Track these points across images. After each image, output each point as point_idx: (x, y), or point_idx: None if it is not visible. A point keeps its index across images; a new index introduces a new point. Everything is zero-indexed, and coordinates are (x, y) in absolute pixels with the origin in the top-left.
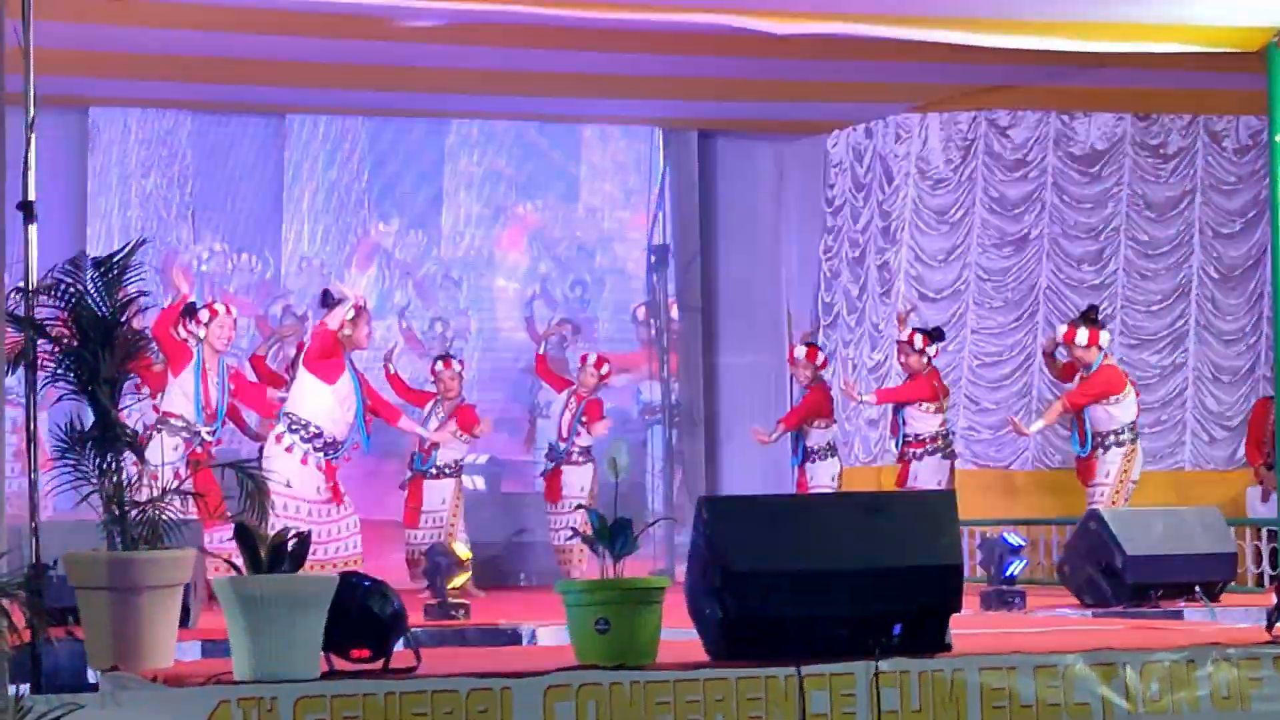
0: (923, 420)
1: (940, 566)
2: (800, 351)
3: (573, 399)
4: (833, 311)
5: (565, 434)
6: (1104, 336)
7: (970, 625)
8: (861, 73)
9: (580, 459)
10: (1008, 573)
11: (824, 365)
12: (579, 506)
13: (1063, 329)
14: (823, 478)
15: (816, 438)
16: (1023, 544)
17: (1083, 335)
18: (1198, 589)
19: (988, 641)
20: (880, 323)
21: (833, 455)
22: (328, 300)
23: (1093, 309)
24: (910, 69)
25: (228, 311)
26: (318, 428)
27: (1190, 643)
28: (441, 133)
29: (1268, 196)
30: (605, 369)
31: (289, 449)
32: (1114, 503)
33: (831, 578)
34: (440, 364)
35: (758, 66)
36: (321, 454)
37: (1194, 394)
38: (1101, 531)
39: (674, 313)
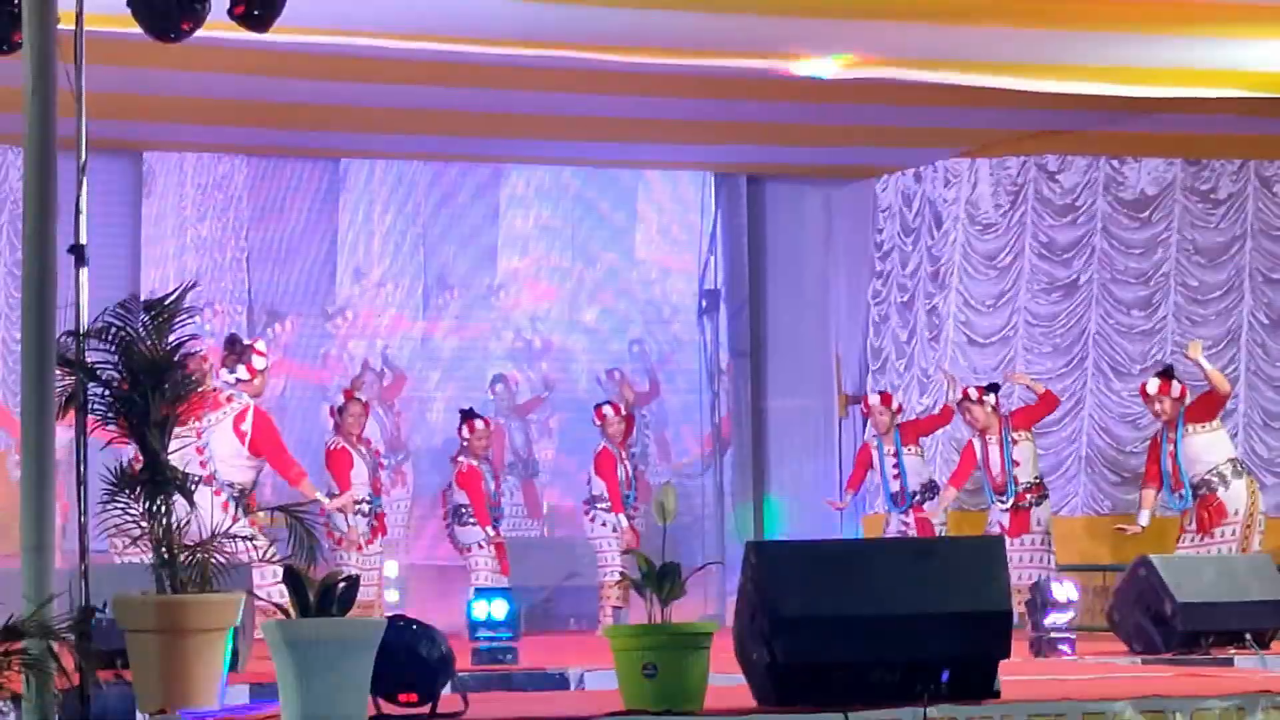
0: (1031, 461)
1: (989, 612)
2: (875, 398)
3: (621, 451)
4: (881, 356)
5: (629, 482)
6: (1188, 397)
7: (1019, 671)
8: (910, 117)
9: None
10: (1047, 622)
11: (900, 411)
12: (626, 551)
13: (1155, 382)
14: (939, 514)
15: (922, 475)
16: (1070, 600)
17: (1175, 388)
18: (1248, 636)
19: (1037, 688)
20: (929, 368)
21: (936, 494)
22: (234, 346)
23: (1169, 368)
24: (959, 114)
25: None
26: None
27: (1241, 690)
28: (498, 177)
29: None
30: (625, 410)
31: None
32: (1246, 540)
33: (880, 623)
34: (465, 428)
35: (807, 111)
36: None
37: (1244, 440)
38: (1151, 578)
39: (724, 357)
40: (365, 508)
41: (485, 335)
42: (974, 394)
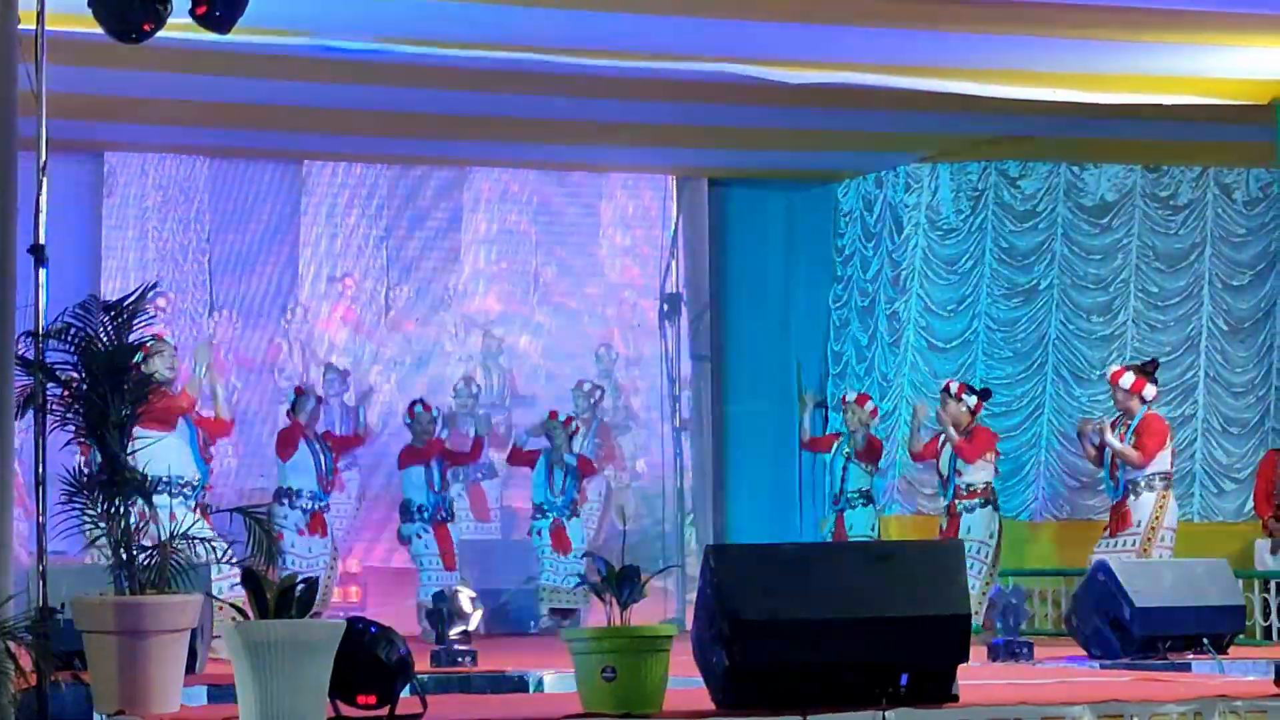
0: (981, 469)
1: (948, 616)
2: (851, 395)
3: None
4: (842, 361)
5: (562, 489)
6: (1149, 390)
7: (977, 676)
8: (872, 122)
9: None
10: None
11: (875, 414)
12: (586, 554)
13: (1112, 368)
14: (862, 526)
15: (859, 483)
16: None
17: (1128, 379)
18: (1205, 641)
19: (995, 692)
20: (889, 372)
21: (871, 503)
22: None
23: (1153, 363)
24: (921, 119)
25: (158, 338)
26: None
27: (1197, 695)
28: (459, 180)
29: (1277, 249)
30: (563, 415)
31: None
32: (1145, 550)
33: (839, 627)
34: (407, 413)
35: (769, 116)
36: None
37: (1203, 446)
38: (1109, 583)
39: (685, 361)
40: (306, 503)
41: (447, 337)
42: (954, 389)
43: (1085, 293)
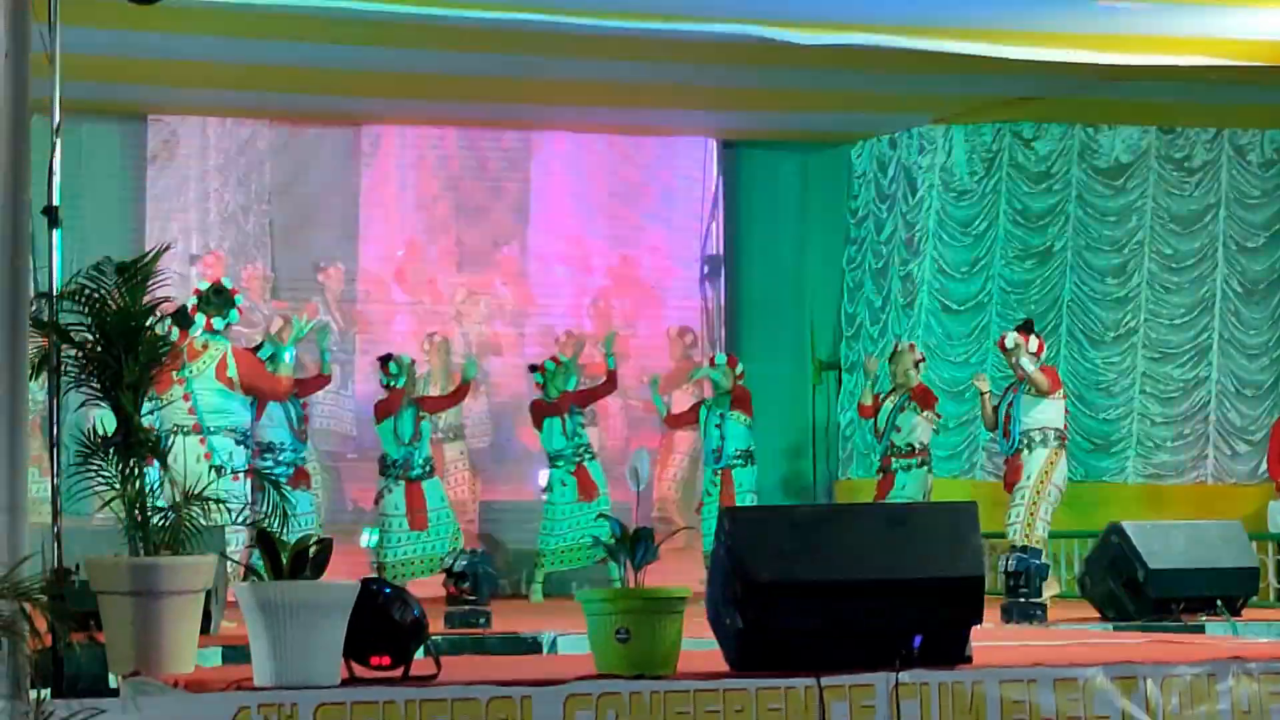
0: (920, 429)
1: (961, 578)
2: (721, 358)
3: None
4: (855, 323)
5: (568, 435)
6: (1033, 342)
7: (991, 637)
8: (886, 84)
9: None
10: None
11: (741, 376)
12: (600, 515)
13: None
14: (749, 484)
15: (741, 442)
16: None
17: (1011, 338)
18: (1219, 603)
19: (1008, 654)
20: (903, 334)
21: (753, 462)
22: (220, 294)
23: (1027, 321)
24: (935, 80)
25: (232, 293)
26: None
27: (1211, 657)
28: (516, 143)
29: None
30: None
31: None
32: (1034, 504)
33: (852, 589)
34: (382, 370)
35: (783, 77)
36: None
37: (1217, 408)
38: (1123, 545)
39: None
40: (288, 454)
41: (502, 298)
42: (918, 353)
43: (1099, 255)
